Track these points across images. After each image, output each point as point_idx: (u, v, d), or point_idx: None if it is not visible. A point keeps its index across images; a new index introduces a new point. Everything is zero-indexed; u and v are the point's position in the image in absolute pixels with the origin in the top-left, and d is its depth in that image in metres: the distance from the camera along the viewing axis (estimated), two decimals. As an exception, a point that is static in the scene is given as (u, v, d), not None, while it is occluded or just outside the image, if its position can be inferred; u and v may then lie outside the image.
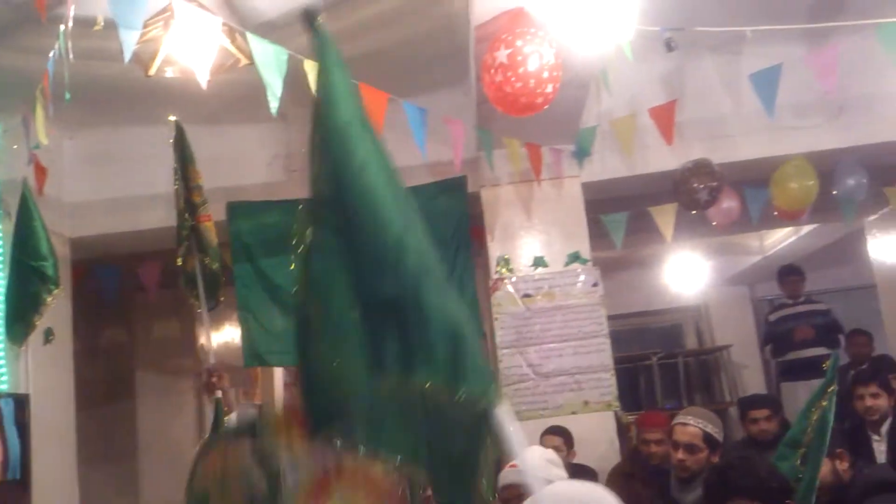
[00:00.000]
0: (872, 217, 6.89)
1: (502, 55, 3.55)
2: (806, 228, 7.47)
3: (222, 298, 4.52)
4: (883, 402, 4.36)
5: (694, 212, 5.19)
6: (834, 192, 5.19)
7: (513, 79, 3.54)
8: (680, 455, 3.43)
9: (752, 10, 4.16)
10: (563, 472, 3.05)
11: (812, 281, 7.19)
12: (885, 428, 4.36)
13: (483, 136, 4.56)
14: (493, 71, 3.59)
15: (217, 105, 4.63)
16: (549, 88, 3.55)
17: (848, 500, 3.18)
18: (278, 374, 7.15)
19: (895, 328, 7.22)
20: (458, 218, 4.90)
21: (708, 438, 3.43)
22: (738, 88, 4.88)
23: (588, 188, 5.12)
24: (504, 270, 5.01)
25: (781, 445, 3.18)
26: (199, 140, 4.47)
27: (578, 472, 4.25)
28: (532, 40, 3.54)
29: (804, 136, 4.94)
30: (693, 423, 3.46)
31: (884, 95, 4.73)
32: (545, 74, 3.53)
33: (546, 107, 3.67)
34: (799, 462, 3.06)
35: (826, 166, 5.06)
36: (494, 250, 5.06)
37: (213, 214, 4.43)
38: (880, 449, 4.34)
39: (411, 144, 3.87)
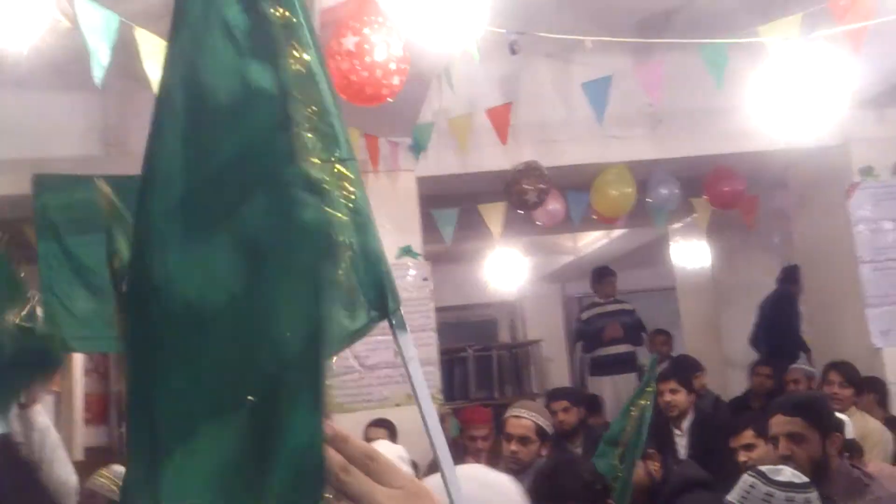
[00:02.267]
0: (678, 225, 7.46)
1: (349, 42, 3.46)
2: (617, 232, 7.94)
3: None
4: (682, 397, 4.67)
5: (522, 212, 5.35)
6: (648, 200, 5.53)
7: (359, 67, 3.46)
8: (513, 447, 3.52)
9: (585, 21, 4.33)
10: (409, 469, 3.03)
11: (619, 282, 7.65)
12: (686, 423, 4.69)
13: (322, 124, 4.43)
14: (338, 58, 3.49)
15: (26, 69, 4.19)
16: (396, 80, 3.51)
17: (660, 499, 3.36)
18: (79, 360, 6.65)
19: (692, 328, 7.86)
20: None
21: (540, 431, 3.56)
22: (567, 95, 5.08)
23: (422, 183, 5.13)
24: (335, 261, 4.93)
25: (602, 443, 3.32)
26: (3, 106, 4.03)
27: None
28: (380, 30, 3.48)
29: (625, 146, 5.22)
30: (527, 416, 3.57)
31: (699, 111, 5.07)
32: (392, 66, 3.48)
33: (389, 99, 3.62)
34: (617, 461, 3.21)
35: (642, 175, 5.39)
36: (326, 240, 4.96)
37: (18, 187, 4.01)
38: (682, 443, 4.65)
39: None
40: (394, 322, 1.10)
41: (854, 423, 4.13)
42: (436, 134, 5.05)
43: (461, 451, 4.58)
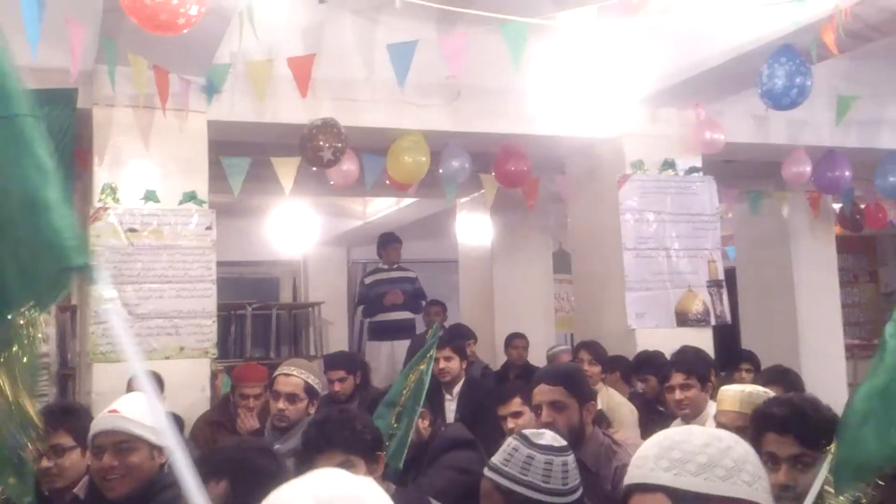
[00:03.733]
0: (465, 199, 7.67)
1: (144, -37, 3.20)
2: (406, 200, 8.04)
3: None
4: (455, 365, 4.84)
5: (315, 169, 5.24)
6: (440, 171, 5.63)
7: (154, -9, 3.22)
8: (280, 405, 3.46)
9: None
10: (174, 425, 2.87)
11: (405, 250, 7.76)
12: (456, 389, 4.86)
13: (107, 48, 4.08)
14: (132, -23, 3.22)
15: None
16: (194, 10, 3.30)
17: (428, 455, 3.46)
18: None
19: (470, 299, 8.15)
20: (61, 134, 4.32)
21: (308, 389, 3.53)
22: (370, 56, 5.03)
23: (213, 127, 4.88)
24: (109, 200, 4.58)
25: (381, 405, 3.36)
26: None
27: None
28: (180, -46, 3.24)
29: (423, 114, 5.26)
30: (297, 374, 3.52)
31: (496, 89, 5.21)
32: (191, -6, 3.26)
33: (185, 31, 3.40)
34: (393, 420, 3.26)
35: (437, 145, 5.47)
36: (100, 177, 4.60)
37: None
38: (451, 408, 4.82)
39: (22, 41, 3.29)
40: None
41: (601, 396, 4.50)
42: (232, 77, 4.82)
43: (233, 408, 4.46)
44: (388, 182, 5.66)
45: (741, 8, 4.03)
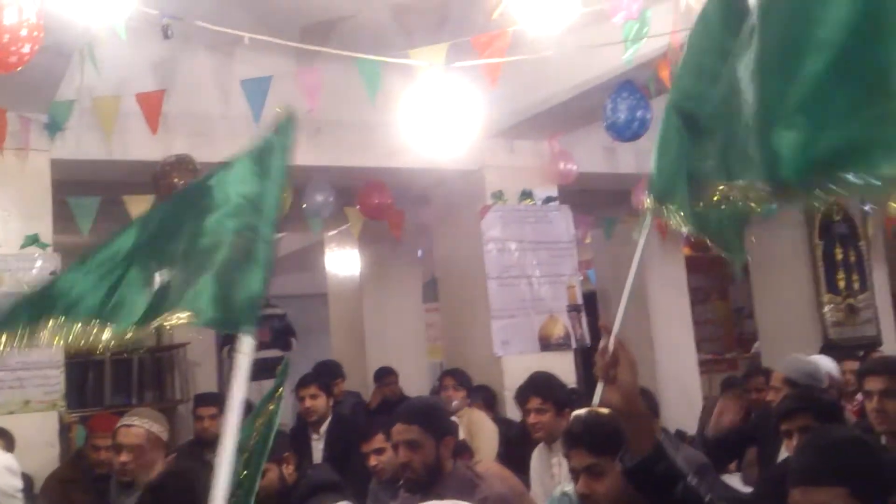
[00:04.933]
0: (332, 232, 7.62)
1: (-28, -1, 3.04)
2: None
3: None
4: (321, 402, 4.76)
5: (171, 206, 5.08)
6: (304, 206, 5.58)
7: (-16, 28, 3.06)
8: (122, 458, 3.32)
9: (249, 18, 4.26)
10: (18, 482, 2.71)
11: (273, 285, 7.55)
12: (323, 427, 4.78)
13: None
14: (-42, 14, 3.04)
15: None
16: (27, 48, 3.15)
17: (292, 502, 3.36)
18: None
19: (340, 333, 8.08)
20: None
21: (153, 438, 3.42)
22: (227, 91, 4.95)
23: (58, 166, 4.66)
24: (-60, 247, 4.29)
25: None
26: None
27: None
28: (12, -9, 3.10)
29: (283, 149, 5.20)
30: (138, 424, 3.41)
31: (355, 123, 5.24)
32: (23, 32, 3.11)
33: (19, 68, 3.24)
34: (242, 467, 3.16)
35: (299, 180, 5.42)
36: (-67, 222, 4.30)
37: None
38: (318, 447, 4.74)
39: None
40: None
41: (467, 420, 4.56)
42: (78, 114, 4.62)
43: (86, 461, 4.24)
44: (249, 218, 5.55)
45: (582, 46, 4.23)
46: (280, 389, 3.30)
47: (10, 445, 4.07)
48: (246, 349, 1.73)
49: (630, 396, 1.92)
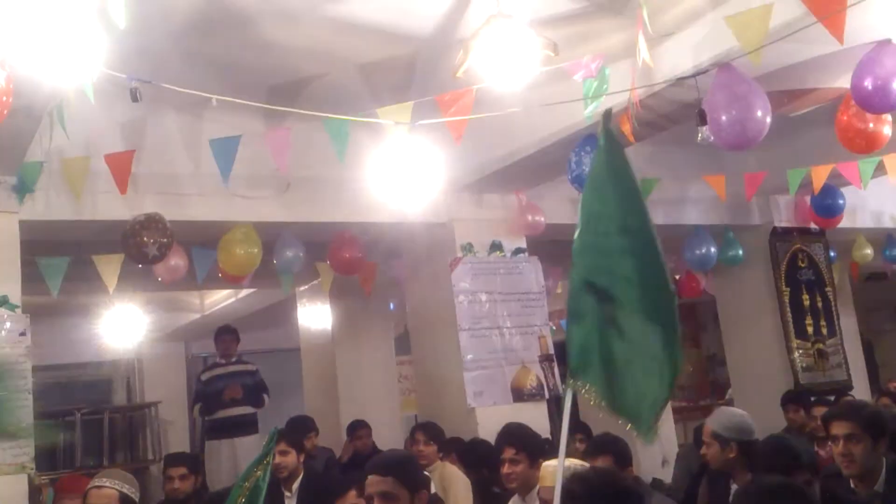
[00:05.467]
0: (303, 287, 7.64)
1: (-60, 64, 3.08)
2: (245, 291, 7.91)
3: None
4: (291, 459, 4.71)
5: (141, 266, 5.09)
6: (274, 262, 5.61)
7: (-50, 93, 3.10)
8: None
9: (217, 79, 4.33)
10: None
11: (245, 341, 7.59)
12: (295, 484, 4.73)
13: None
14: (-76, 78, 3.08)
15: None
16: (-5, 113, 3.19)
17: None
18: None
19: (313, 387, 8.03)
20: None
21: (124, 499, 3.39)
22: (197, 150, 5.00)
23: (27, 227, 4.66)
24: None
25: None
26: None
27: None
28: (-19, 55, 3.15)
29: (254, 206, 5.26)
30: (109, 485, 3.40)
31: (325, 180, 5.30)
32: (-8, 96, 3.16)
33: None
34: None
35: (270, 236, 5.46)
36: None
37: None
38: (293, 504, 4.69)
39: None
40: None
41: (439, 474, 4.54)
42: (47, 176, 4.64)
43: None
44: (220, 275, 5.57)
45: (545, 103, 4.34)
46: (269, 457, 3.30)
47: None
48: None
49: None
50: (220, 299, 8.56)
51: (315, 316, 7.83)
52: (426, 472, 3.83)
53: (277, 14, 4.04)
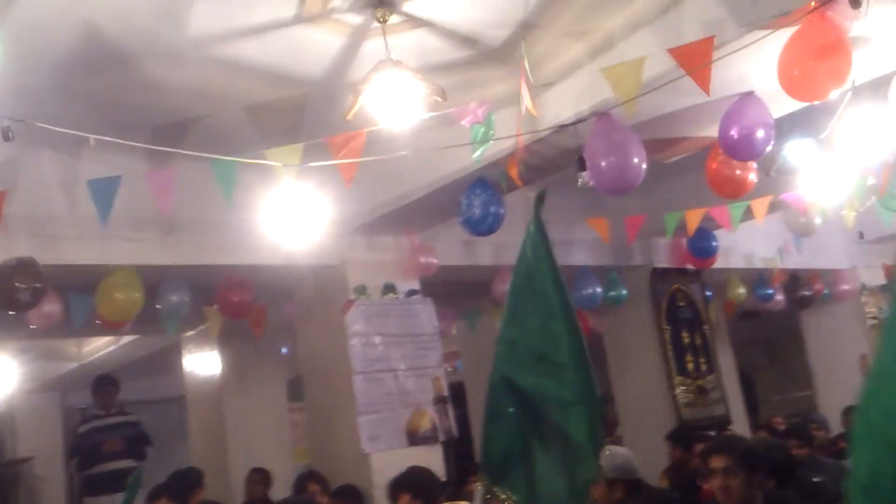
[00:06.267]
0: (190, 333, 7.39)
1: None
2: (127, 338, 7.59)
3: None
4: None
5: (12, 312, 4.81)
6: (158, 307, 5.41)
7: None
8: None
9: (97, 118, 4.19)
10: None
11: (127, 391, 7.27)
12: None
13: None
14: None
15: None
16: None
17: None
18: None
19: (200, 437, 7.73)
20: None
21: None
22: (74, 191, 4.78)
23: None
24: None
25: None
26: None
27: None
28: None
29: (136, 249, 5.06)
30: None
31: (211, 221, 5.16)
32: None
33: None
34: None
35: (153, 280, 5.26)
36: None
37: None
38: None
39: None
40: None
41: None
42: None
43: None
44: (98, 322, 5.33)
45: (434, 147, 4.41)
46: (132, 501, 3.14)
47: None
48: None
49: None
50: (99, 347, 8.16)
51: (202, 362, 7.57)
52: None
53: (162, 54, 3.96)
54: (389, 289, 6.04)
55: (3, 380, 7.88)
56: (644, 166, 4.24)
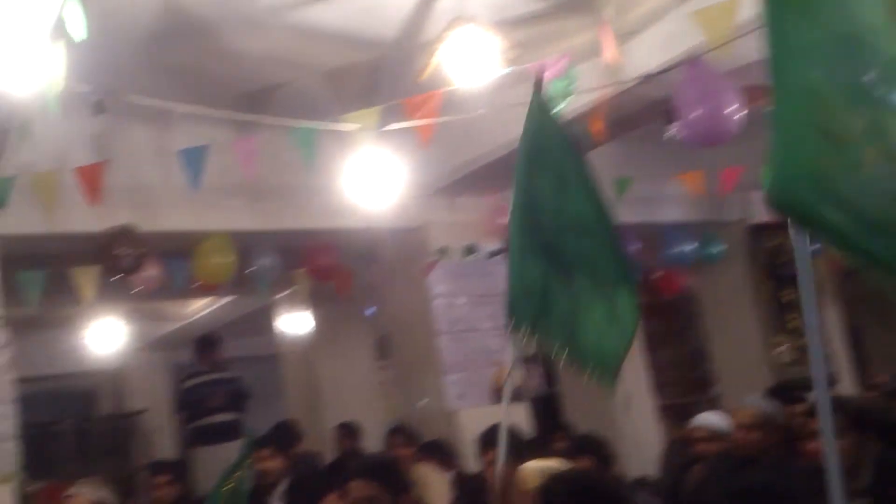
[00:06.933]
0: (282, 294, 7.63)
1: None
2: (225, 299, 7.91)
3: None
4: (276, 464, 4.73)
5: (118, 277, 5.09)
6: (249, 270, 5.61)
7: None
8: None
9: (183, 89, 4.33)
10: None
11: (227, 348, 7.58)
12: (281, 488, 4.74)
13: None
14: None
15: None
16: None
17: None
18: None
19: (295, 394, 8.03)
20: None
21: None
22: (167, 161, 4.98)
23: (2, 242, 4.65)
24: None
25: None
26: None
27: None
28: (-62, 72, 3.15)
29: (226, 215, 5.25)
30: (83, 493, 3.42)
31: (295, 187, 5.30)
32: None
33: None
34: None
35: (244, 245, 5.46)
36: None
37: None
38: (279, 510, 4.70)
39: None
40: None
41: (418, 475, 4.55)
42: (18, 190, 4.62)
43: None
44: (196, 285, 5.57)
45: (512, 104, 4.36)
46: (248, 458, 3.31)
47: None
48: None
49: None
50: (199, 308, 8.54)
51: (294, 323, 7.81)
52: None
53: (241, 22, 4.05)
54: (471, 250, 6.06)
55: (115, 340, 8.37)
56: (740, 115, 4.05)
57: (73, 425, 8.74)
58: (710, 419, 4.45)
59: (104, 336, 8.31)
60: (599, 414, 6.92)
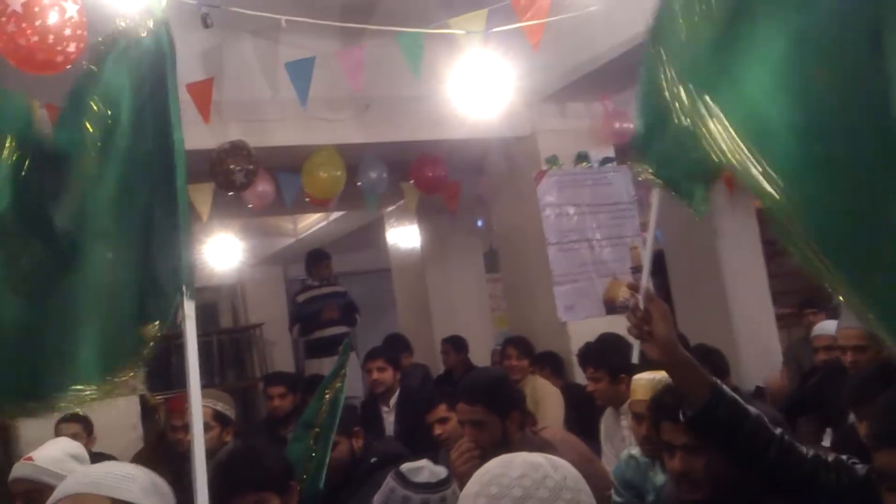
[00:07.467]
0: (390, 208, 7.66)
1: (16, 3, 3.14)
2: (335, 214, 8.01)
3: None
4: (388, 375, 4.83)
5: (230, 193, 5.19)
6: (359, 184, 5.62)
7: (28, 31, 3.16)
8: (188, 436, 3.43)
9: (290, 1, 4.27)
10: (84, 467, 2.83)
11: (338, 263, 7.72)
12: (393, 400, 4.85)
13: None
14: (3, 19, 3.15)
15: None
16: (72, 47, 3.24)
17: (356, 476, 3.41)
18: None
19: (406, 307, 8.15)
20: None
21: (219, 416, 3.52)
22: (274, 75, 4.97)
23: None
24: None
25: (298, 426, 3.34)
26: None
27: (97, 460, 4.01)
28: (53, -9, 3.19)
29: (334, 129, 5.24)
30: (203, 404, 3.49)
31: (404, 98, 5.21)
32: (67, 31, 3.20)
33: (67, 67, 3.34)
34: (312, 442, 3.24)
35: (352, 158, 5.45)
36: None
37: None
38: (390, 420, 4.82)
39: None
40: None
41: (531, 388, 4.55)
42: (133, 108, 4.72)
43: (166, 442, 4.40)
44: (307, 199, 5.63)
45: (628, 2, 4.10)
46: (345, 368, 3.37)
47: (88, 429, 4.26)
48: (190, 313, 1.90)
49: (668, 347, 1.93)
50: (311, 223, 8.70)
51: (403, 236, 7.86)
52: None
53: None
54: (582, 158, 5.87)
55: (232, 255, 8.65)
56: None
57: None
58: (831, 328, 4.23)
59: (222, 252, 8.60)
60: (712, 324, 6.73)
